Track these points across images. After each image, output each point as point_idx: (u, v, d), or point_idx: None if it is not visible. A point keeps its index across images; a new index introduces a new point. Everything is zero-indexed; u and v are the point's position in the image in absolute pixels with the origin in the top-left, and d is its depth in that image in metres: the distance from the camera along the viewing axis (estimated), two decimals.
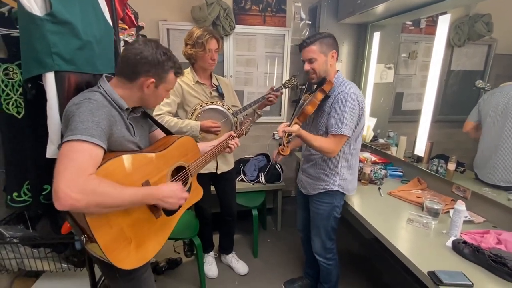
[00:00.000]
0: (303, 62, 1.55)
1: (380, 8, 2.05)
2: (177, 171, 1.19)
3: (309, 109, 1.44)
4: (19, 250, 1.31)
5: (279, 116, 3.00)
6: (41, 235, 1.31)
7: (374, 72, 2.53)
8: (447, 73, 1.95)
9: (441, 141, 1.97)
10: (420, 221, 1.45)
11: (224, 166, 2.00)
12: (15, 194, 1.21)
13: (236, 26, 2.64)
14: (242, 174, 2.67)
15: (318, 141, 1.45)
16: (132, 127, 1.05)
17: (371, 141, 2.57)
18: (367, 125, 2.61)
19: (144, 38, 1.01)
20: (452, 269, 1.10)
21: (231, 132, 1.44)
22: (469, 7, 1.76)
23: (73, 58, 1.01)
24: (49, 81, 0.97)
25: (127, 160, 0.94)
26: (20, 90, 1.17)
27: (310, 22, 2.80)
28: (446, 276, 1.05)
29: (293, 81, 1.99)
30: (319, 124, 1.55)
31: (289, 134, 1.38)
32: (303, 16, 2.80)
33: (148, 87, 1.00)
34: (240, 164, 2.75)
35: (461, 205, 1.31)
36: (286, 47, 2.81)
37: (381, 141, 2.50)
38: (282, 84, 1.95)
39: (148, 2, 2.51)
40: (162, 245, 1.09)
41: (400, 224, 1.46)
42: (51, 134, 1.01)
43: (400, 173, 2.09)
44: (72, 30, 1.00)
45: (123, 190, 0.86)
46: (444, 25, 1.78)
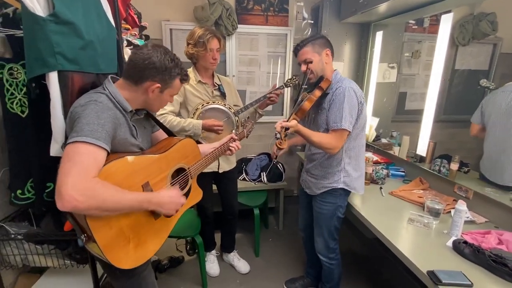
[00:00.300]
0: (300, 65, 1.58)
1: (383, 7, 2.04)
2: (178, 173, 1.19)
3: (307, 105, 1.44)
4: (23, 247, 1.34)
5: (282, 116, 3.00)
6: (45, 232, 1.33)
7: (377, 72, 2.52)
8: (451, 73, 1.93)
9: (445, 141, 1.96)
10: (421, 221, 1.45)
11: (226, 165, 2.00)
12: (19, 192, 1.24)
13: (239, 26, 2.65)
14: (244, 173, 2.68)
15: (317, 137, 1.45)
16: (135, 129, 1.06)
17: (374, 141, 2.56)
18: (369, 125, 2.61)
19: (154, 44, 1.02)
20: (452, 269, 1.10)
21: (232, 135, 1.44)
22: (474, 6, 1.74)
23: (76, 58, 1.02)
24: (53, 81, 0.98)
25: (128, 162, 0.95)
26: (24, 90, 1.19)
27: (312, 22, 2.79)
28: (446, 276, 1.05)
29: (295, 80, 1.99)
30: (320, 122, 1.55)
31: (287, 129, 1.39)
32: (305, 16, 2.80)
33: (153, 92, 1.01)
34: (242, 164, 2.76)
35: (462, 205, 1.31)
36: (289, 47, 2.82)
37: (384, 141, 2.49)
38: (284, 83, 1.95)
39: (151, 3, 2.53)
40: (161, 245, 1.10)
41: (401, 224, 1.46)
42: (55, 133, 1.02)
43: (402, 173, 2.08)
44: (75, 30, 1.01)
45: (124, 195, 0.88)
46: (447, 24, 1.76)
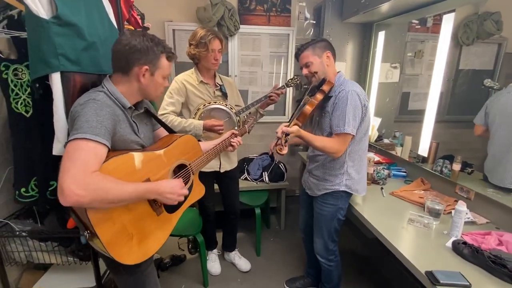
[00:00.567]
0: (301, 69, 1.57)
1: (385, 7, 2.04)
2: (179, 169, 1.20)
3: (308, 109, 1.43)
4: (28, 243, 1.37)
5: (284, 116, 3.00)
6: (49, 229, 1.36)
7: (379, 72, 2.51)
8: (455, 73, 1.92)
9: (449, 142, 1.94)
10: (421, 222, 1.44)
11: (227, 165, 2.02)
12: (23, 190, 1.27)
13: (241, 26, 2.66)
14: (246, 173, 2.69)
15: (320, 141, 1.44)
16: (136, 125, 1.08)
17: (376, 141, 2.55)
18: (372, 125, 2.60)
19: (130, 30, 1.01)
20: (451, 270, 1.10)
21: (233, 130, 1.44)
22: (478, 5, 1.73)
23: (78, 59, 1.05)
24: (55, 81, 1.01)
25: (130, 158, 0.97)
26: (29, 90, 1.22)
27: (315, 22, 2.79)
28: (444, 276, 1.05)
29: (296, 80, 2.00)
30: (324, 125, 1.54)
31: (287, 134, 1.38)
32: (308, 16, 2.80)
33: (144, 76, 1.01)
34: (244, 163, 2.77)
35: (462, 206, 1.30)
36: (291, 47, 2.82)
37: (386, 141, 2.49)
38: (285, 83, 1.96)
39: (154, 3, 2.55)
40: (164, 242, 1.11)
41: (401, 224, 1.46)
42: (57, 132, 1.04)
43: (404, 173, 2.08)
44: (77, 32, 1.04)
45: (125, 186, 0.89)
46: (449, 25, 1.75)
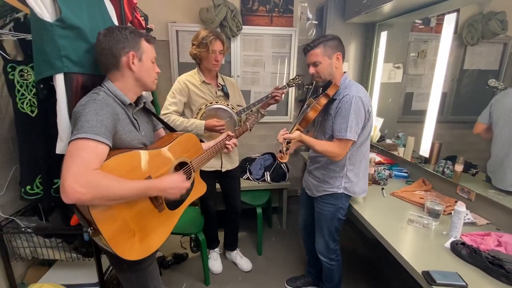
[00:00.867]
0: (308, 66, 1.53)
1: (387, 7, 2.03)
2: (180, 167, 1.22)
3: (311, 115, 1.43)
4: (33, 240, 1.41)
5: (286, 116, 3.02)
6: (53, 226, 1.39)
7: (381, 72, 2.51)
8: (460, 73, 1.91)
9: (454, 142, 1.93)
10: (421, 222, 1.44)
11: (229, 165, 2.04)
12: (28, 187, 1.30)
13: (243, 27, 2.68)
14: (248, 173, 2.71)
15: (321, 146, 1.45)
16: (137, 123, 1.10)
17: (378, 142, 2.54)
18: (374, 125, 2.59)
19: (106, 28, 1.04)
20: (449, 270, 1.10)
21: (228, 132, 1.45)
22: (483, 5, 1.72)
23: (81, 60, 1.07)
24: (59, 82, 1.04)
25: (131, 156, 0.99)
26: (34, 91, 1.26)
27: (317, 22, 2.80)
28: (440, 276, 1.05)
29: (297, 80, 2.00)
30: (326, 128, 1.54)
31: (288, 141, 1.38)
32: (310, 16, 2.80)
33: (134, 63, 1.03)
34: (247, 163, 2.79)
35: (461, 207, 1.30)
36: (293, 47, 2.83)
37: (388, 142, 2.48)
38: (286, 83, 1.97)
39: (158, 5, 2.58)
40: (166, 238, 1.12)
41: (400, 225, 1.45)
42: (60, 132, 1.07)
43: (405, 174, 2.07)
44: (80, 34, 1.06)
45: (126, 183, 0.91)
46: (450, 24, 1.75)
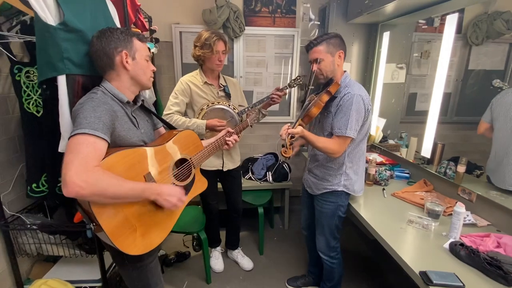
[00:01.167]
0: (310, 63, 1.55)
1: (389, 8, 2.03)
2: (180, 164, 1.24)
3: (314, 111, 1.44)
4: (38, 236, 1.45)
5: (288, 116, 3.02)
6: (57, 223, 1.43)
7: (384, 72, 2.50)
8: (464, 73, 1.89)
9: (459, 143, 1.91)
10: (420, 223, 1.44)
11: (230, 164, 2.06)
12: (34, 185, 1.35)
13: (246, 28, 2.70)
14: (250, 173, 2.72)
15: (322, 142, 1.47)
16: (136, 121, 1.13)
17: (380, 142, 2.53)
18: (376, 126, 2.59)
19: (98, 31, 1.06)
20: (447, 271, 1.10)
21: (228, 128, 1.46)
22: (488, 4, 1.70)
23: (82, 62, 1.10)
24: (61, 83, 1.07)
25: (129, 153, 1.01)
26: (39, 91, 1.30)
27: (319, 23, 2.80)
28: (437, 277, 1.05)
29: (299, 81, 2.01)
30: (325, 125, 1.56)
31: (292, 136, 1.39)
32: (312, 17, 2.80)
33: (128, 62, 1.06)
34: (249, 163, 2.81)
35: (461, 207, 1.29)
36: (295, 48, 2.84)
37: (391, 142, 2.47)
38: (288, 84, 1.98)
39: (162, 7, 2.62)
40: (167, 234, 1.14)
41: (400, 225, 1.45)
42: (63, 131, 1.10)
43: (407, 175, 2.06)
44: (83, 37, 1.09)
45: (125, 183, 0.93)
46: (452, 25, 1.73)
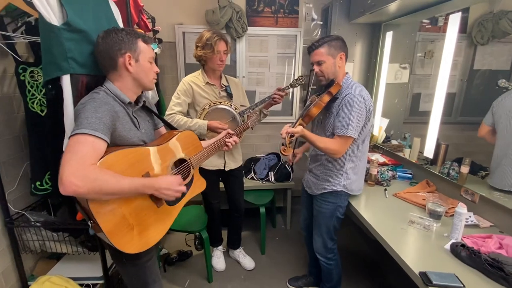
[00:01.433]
0: (312, 65, 1.57)
1: (392, 8, 2.02)
2: (180, 164, 1.25)
3: (314, 111, 1.46)
4: (41, 233, 1.47)
5: (291, 116, 3.02)
6: (60, 221, 1.45)
7: (387, 72, 2.49)
8: (469, 73, 1.88)
9: (463, 144, 1.90)
10: (422, 223, 1.43)
11: (232, 164, 2.07)
12: (38, 183, 1.37)
13: (249, 28, 2.71)
14: (253, 173, 2.73)
15: (323, 142, 1.47)
16: (137, 121, 1.14)
17: (383, 142, 2.52)
18: (379, 126, 2.57)
19: (104, 31, 1.07)
20: (447, 271, 1.09)
21: (229, 130, 1.47)
22: (493, 3, 1.69)
23: (86, 62, 1.12)
24: (65, 83, 1.09)
25: (129, 153, 1.02)
26: (44, 91, 1.32)
27: (322, 23, 2.80)
28: (437, 277, 1.05)
29: (301, 81, 2.02)
30: (327, 125, 1.56)
31: (292, 135, 1.40)
32: (315, 17, 2.80)
33: (130, 64, 1.07)
34: (251, 163, 2.82)
35: (462, 208, 1.28)
36: (298, 48, 2.84)
37: (394, 142, 2.45)
38: (289, 84, 1.99)
39: (165, 7, 2.64)
40: (164, 233, 1.15)
41: (401, 225, 1.45)
42: (67, 130, 1.12)
43: (410, 175, 2.05)
44: (86, 37, 1.11)
45: (122, 179, 0.94)
46: (455, 24, 1.72)
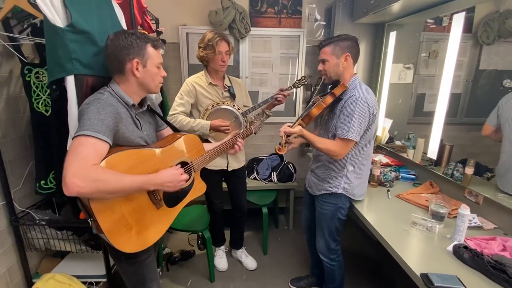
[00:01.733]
0: (319, 63, 1.57)
1: (395, 8, 2.01)
2: (182, 166, 1.25)
3: (314, 112, 1.45)
4: (46, 232, 1.50)
5: (294, 116, 3.02)
6: (64, 219, 1.47)
7: (390, 72, 2.47)
8: (475, 73, 1.86)
9: (469, 145, 1.88)
10: (424, 225, 1.42)
11: (235, 164, 2.07)
12: (43, 182, 1.39)
13: (252, 29, 2.71)
14: (255, 173, 2.73)
15: (323, 144, 1.47)
16: (139, 122, 1.15)
17: (387, 143, 2.51)
18: (383, 127, 2.56)
19: (115, 32, 1.07)
20: (449, 273, 1.09)
21: (236, 132, 1.48)
22: (499, 3, 1.68)
23: (90, 63, 1.14)
24: (70, 83, 1.11)
25: (131, 154, 1.03)
26: (48, 91, 1.34)
27: (325, 23, 2.79)
28: (439, 279, 1.04)
29: (303, 81, 2.02)
30: (330, 127, 1.56)
31: (288, 135, 1.40)
32: (318, 17, 2.80)
33: (138, 70, 1.07)
34: (254, 163, 2.82)
35: (465, 210, 1.27)
36: (301, 48, 2.84)
37: (398, 143, 2.44)
38: (292, 84, 1.99)
39: (169, 8, 2.66)
40: (163, 234, 1.17)
41: (403, 227, 1.44)
42: (71, 130, 1.14)
43: (413, 176, 2.03)
44: (90, 38, 1.13)
45: (123, 177, 0.95)
46: (459, 24, 1.71)
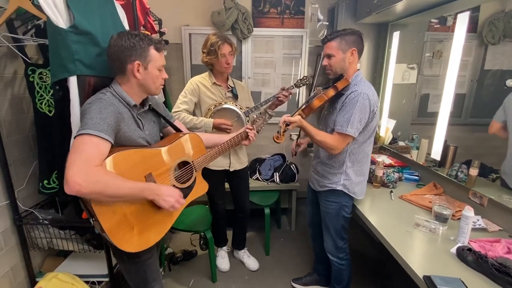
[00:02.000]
0: (323, 57, 1.56)
1: (399, 7, 1.99)
2: (183, 166, 1.26)
3: (315, 103, 1.45)
4: (49, 231, 1.51)
5: None
6: (67, 219, 1.48)
7: (394, 73, 2.45)
8: (480, 73, 1.84)
9: (474, 146, 1.86)
10: (427, 226, 1.41)
11: (237, 164, 2.07)
12: (45, 182, 1.40)
13: (254, 29, 2.71)
14: (258, 173, 2.73)
15: (321, 136, 1.47)
16: (141, 122, 1.15)
17: (390, 144, 2.49)
18: (386, 127, 2.54)
19: (119, 32, 1.06)
20: (453, 276, 1.07)
21: (248, 125, 1.48)
22: (505, 2, 1.65)
23: (92, 64, 1.14)
24: (72, 84, 1.12)
25: (132, 153, 1.04)
26: (52, 92, 1.35)
27: (328, 23, 2.78)
28: (442, 282, 1.03)
29: (305, 81, 2.02)
30: (329, 121, 1.56)
31: (288, 124, 1.39)
32: (321, 17, 2.79)
33: (139, 71, 1.07)
34: (256, 164, 2.82)
35: (469, 211, 1.26)
36: (304, 49, 2.83)
37: (401, 144, 2.42)
38: (294, 84, 1.99)
39: (172, 9, 2.67)
40: (164, 233, 1.17)
41: (406, 228, 1.43)
42: (74, 130, 1.15)
43: (416, 177, 2.02)
44: (92, 39, 1.13)
45: (124, 182, 0.95)
46: (463, 24, 1.69)
